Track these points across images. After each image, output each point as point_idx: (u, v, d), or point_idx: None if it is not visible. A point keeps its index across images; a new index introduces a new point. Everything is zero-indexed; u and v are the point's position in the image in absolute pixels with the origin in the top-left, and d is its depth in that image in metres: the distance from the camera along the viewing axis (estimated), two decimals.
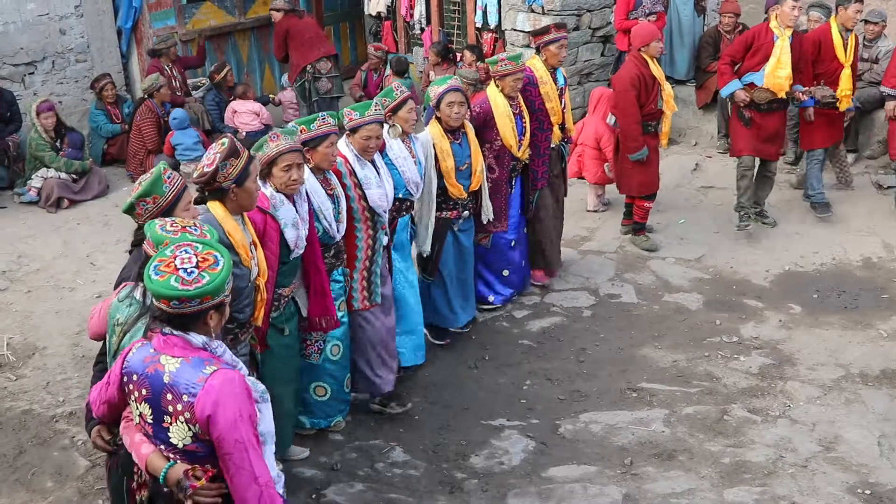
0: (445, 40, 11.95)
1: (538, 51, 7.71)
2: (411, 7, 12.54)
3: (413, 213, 6.68)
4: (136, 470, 3.63)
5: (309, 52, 11.50)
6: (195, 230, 3.71)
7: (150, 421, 3.46)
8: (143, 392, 3.43)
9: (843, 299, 7.79)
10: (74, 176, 10.33)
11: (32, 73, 11.13)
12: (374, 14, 13.12)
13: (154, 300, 3.39)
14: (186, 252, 3.41)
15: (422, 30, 12.53)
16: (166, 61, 11.50)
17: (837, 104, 8.79)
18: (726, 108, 10.91)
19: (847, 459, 5.79)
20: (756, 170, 8.90)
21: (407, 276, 6.62)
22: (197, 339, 3.40)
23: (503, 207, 7.42)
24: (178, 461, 3.44)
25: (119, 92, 11.56)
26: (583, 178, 9.58)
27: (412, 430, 6.26)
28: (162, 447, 3.48)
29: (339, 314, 5.82)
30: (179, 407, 3.35)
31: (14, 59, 10.93)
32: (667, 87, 8.30)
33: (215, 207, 4.55)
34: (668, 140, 8.73)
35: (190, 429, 3.37)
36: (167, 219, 3.80)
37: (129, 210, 4.26)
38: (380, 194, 5.94)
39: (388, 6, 12.88)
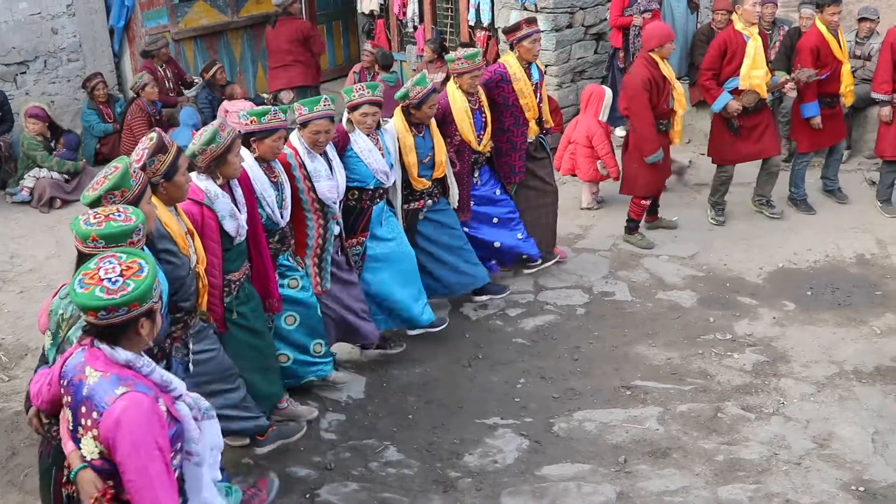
0: (440, 37, 11.94)
1: (511, 47, 7.75)
2: (404, 5, 12.52)
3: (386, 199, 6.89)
4: (66, 464, 3.59)
5: (274, 73, 11.58)
6: (119, 216, 3.74)
7: (70, 428, 3.46)
8: (68, 399, 3.43)
9: (837, 296, 7.79)
10: (67, 176, 10.31)
11: (24, 72, 11.11)
12: (366, 12, 13.10)
13: (82, 314, 3.36)
14: (110, 262, 3.36)
15: (415, 28, 12.52)
16: (159, 62, 11.48)
17: (843, 100, 8.86)
18: None
19: (841, 456, 5.79)
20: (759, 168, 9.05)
21: (400, 248, 6.88)
22: (121, 354, 3.36)
23: (466, 199, 7.54)
24: (87, 467, 3.41)
25: (111, 91, 11.54)
26: (576, 175, 9.57)
27: (406, 430, 6.25)
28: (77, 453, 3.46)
29: (293, 291, 6.05)
30: (89, 422, 3.33)
31: (6, 59, 10.92)
32: (678, 87, 8.31)
33: None
34: (680, 139, 8.72)
35: (96, 446, 3.35)
36: (91, 211, 3.81)
37: (95, 203, 4.16)
38: (329, 186, 6.12)
39: (381, 4, 12.86)
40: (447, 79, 7.68)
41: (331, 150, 6.27)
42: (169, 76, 11.56)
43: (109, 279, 3.29)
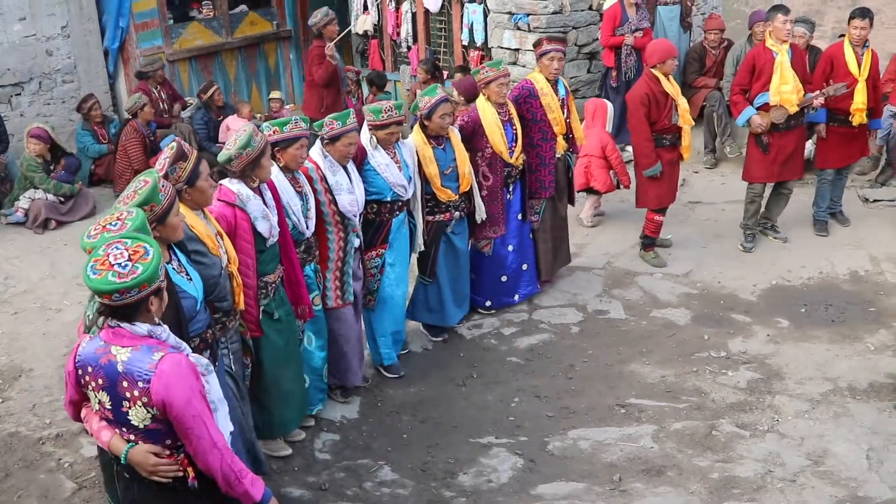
0: (433, 58, 11.99)
1: (537, 63, 7.92)
2: (398, 25, 12.58)
3: (407, 211, 6.98)
4: (111, 456, 3.92)
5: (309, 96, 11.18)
6: (114, 225, 3.94)
7: (109, 407, 3.73)
8: (100, 381, 3.70)
9: (831, 313, 7.80)
10: (62, 198, 10.32)
11: (19, 93, 11.15)
12: (360, 33, 13.15)
13: (97, 297, 3.66)
14: (118, 248, 3.65)
15: (408, 48, 12.57)
16: (153, 83, 11.51)
17: (850, 119, 8.79)
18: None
19: (836, 473, 5.79)
20: (771, 190, 9.01)
21: (397, 275, 6.92)
22: (141, 328, 3.67)
23: (500, 213, 7.61)
24: (140, 442, 3.75)
25: (106, 112, 11.56)
26: (590, 189, 9.66)
27: (400, 449, 6.24)
28: (123, 430, 3.77)
29: (315, 308, 6.22)
30: (136, 392, 3.64)
31: (0, 80, 10.94)
32: (682, 102, 8.32)
33: None
34: (688, 154, 8.72)
35: (148, 411, 3.67)
36: (90, 227, 4.00)
37: None
38: (350, 200, 6.26)
39: (375, 25, 12.92)
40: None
41: (350, 165, 6.42)
42: (163, 98, 11.60)
43: (119, 264, 3.59)
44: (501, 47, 11.16)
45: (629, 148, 10.51)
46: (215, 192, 5.22)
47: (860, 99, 8.71)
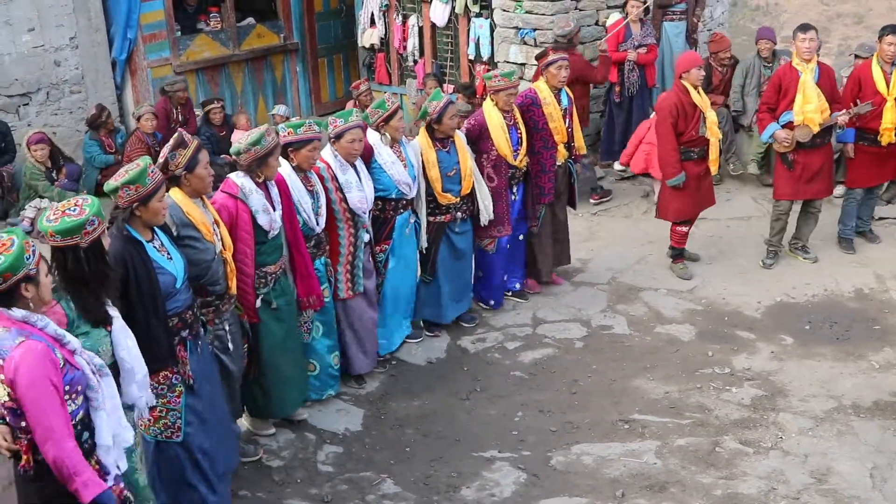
0: (439, 72, 12.03)
1: (542, 73, 8.11)
2: (404, 39, 12.60)
3: (412, 211, 7.32)
4: None
5: None
6: (73, 210, 4.18)
7: None
8: None
9: (835, 330, 7.79)
10: None
11: (27, 104, 11.17)
12: (367, 46, 13.18)
13: None
14: None
15: (415, 62, 12.59)
16: (175, 103, 11.49)
17: (879, 139, 8.76)
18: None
19: (839, 491, 5.77)
20: (799, 209, 9.01)
21: (402, 271, 7.30)
22: (17, 313, 3.90)
23: (505, 212, 7.83)
24: (7, 419, 3.96)
25: (114, 124, 11.59)
26: (649, 174, 10.03)
27: (403, 462, 6.24)
28: None
29: (325, 299, 6.50)
30: None
31: (9, 91, 10.98)
32: (710, 115, 8.38)
33: (174, 193, 5.25)
34: (716, 167, 8.81)
35: (4, 389, 3.88)
36: (53, 207, 4.24)
37: (114, 192, 4.81)
38: (360, 197, 6.65)
39: (382, 38, 12.94)
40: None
41: (359, 164, 6.75)
42: (180, 119, 11.56)
43: None
44: (508, 62, 11.16)
45: (617, 164, 10.68)
46: (222, 184, 5.71)
47: (889, 118, 8.66)
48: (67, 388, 3.94)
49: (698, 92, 8.30)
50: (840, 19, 20.55)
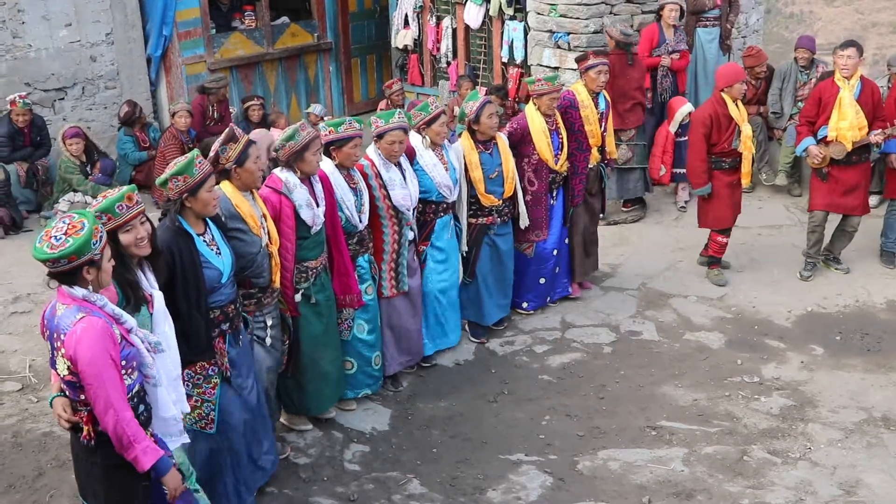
0: (472, 74, 12.03)
1: (581, 76, 8.22)
2: (438, 41, 12.62)
3: (454, 215, 7.37)
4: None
5: (624, 115, 10.05)
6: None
7: (50, 354, 4.18)
8: (46, 331, 4.18)
9: (866, 342, 7.74)
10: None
11: (62, 98, 11.26)
12: (400, 47, 13.21)
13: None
14: (63, 222, 4.06)
15: (448, 63, 12.61)
16: (214, 100, 11.54)
17: None
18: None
19: None
20: (837, 223, 8.93)
21: (440, 274, 7.26)
22: (78, 291, 4.07)
23: (544, 217, 7.91)
24: (66, 392, 4.20)
25: (147, 119, 11.67)
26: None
27: (430, 463, 6.25)
28: (58, 377, 4.19)
29: (367, 297, 6.59)
30: (59, 344, 4.07)
31: (45, 85, 11.08)
32: (745, 129, 8.36)
33: (225, 185, 5.40)
34: (749, 180, 8.82)
35: (65, 363, 4.06)
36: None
37: (163, 184, 4.95)
38: (403, 195, 6.69)
39: (415, 39, 12.97)
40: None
41: (404, 162, 6.83)
42: (215, 117, 11.61)
43: (55, 237, 4.01)
44: (541, 65, 11.15)
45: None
46: (267, 178, 5.83)
47: None
48: (124, 363, 4.14)
49: (736, 105, 8.29)
50: (875, 28, 20.41)
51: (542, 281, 8.12)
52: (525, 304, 8.17)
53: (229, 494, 5.43)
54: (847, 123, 8.31)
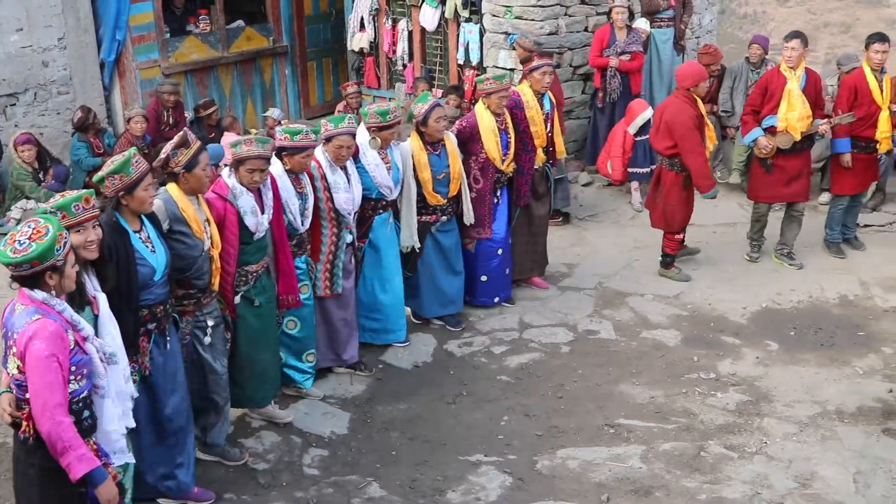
0: (428, 76, 12.04)
1: (526, 77, 8.22)
2: (394, 43, 12.62)
3: (392, 212, 7.45)
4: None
5: None
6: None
7: (3, 352, 4.23)
8: (3, 329, 4.25)
9: (820, 336, 7.84)
10: None
11: (14, 104, 11.12)
12: (356, 50, 13.19)
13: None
14: (28, 227, 4.12)
15: (404, 66, 12.61)
16: (168, 105, 11.43)
17: (878, 147, 8.87)
18: None
19: (823, 496, 5.81)
20: (783, 213, 9.13)
21: (380, 270, 7.39)
22: (38, 294, 4.13)
23: (487, 216, 7.93)
24: (11, 391, 4.23)
25: (102, 125, 11.55)
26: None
27: (389, 466, 6.24)
28: (7, 374, 4.25)
29: (303, 296, 6.64)
30: (11, 342, 4.13)
31: None
32: (710, 124, 8.55)
33: (171, 188, 5.48)
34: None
35: (15, 361, 4.12)
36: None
37: (100, 181, 5.06)
38: (346, 198, 6.78)
39: (371, 42, 12.96)
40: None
41: (350, 166, 6.91)
42: (170, 122, 11.51)
43: (19, 241, 4.08)
44: (497, 66, 11.18)
45: (581, 176, 10.73)
46: (213, 184, 5.86)
47: (885, 127, 8.76)
48: (74, 368, 4.17)
49: (701, 102, 8.45)
50: (827, 28, 20.68)
51: (484, 279, 8.13)
52: (468, 297, 8.22)
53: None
54: (796, 114, 8.47)
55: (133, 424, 4.75)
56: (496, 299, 8.30)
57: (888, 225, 9.94)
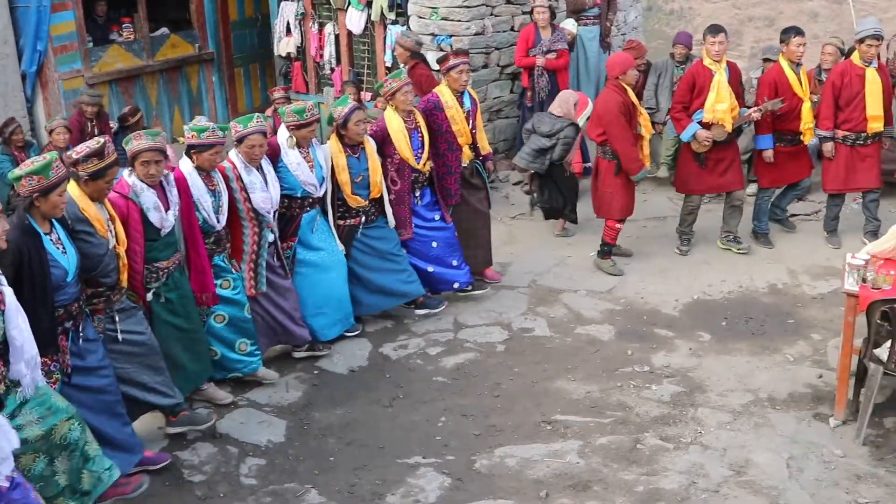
0: (357, 80, 12.01)
1: (443, 77, 8.22)
2: (321, 47, 12.57)
3: (321, 209, 7.52)
4: None
5: None
6: None
7: None
8: None
9: (751, 326, 7.95)
10: None
11: None
12: (283, 55, 13.11)
13: None
14: None
15: (332, 70, 12.57)
16: (91, 115, 11.23)
17: (802, 138, 9.03)
18: None
19: (757, 482, 5.88)
20: (723, 204, 9.29)
21: (316, 264, 7.46)
22: None
23: (407, 216, 8.01)
24: None
25: (25, 137, 11.32)
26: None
27: (327, 472, 6.19)
28: None
29: (223, 291, 6.71)
30: None
31: None
32: (644, 112, 8.65)
33: (72, 188, 5.43)
34: (649, 162, 9.02)
35: None
36: None
37: (16, 180, 5.06)
38: (264, 198, 6.82)
39: (298, 47, 12.88)
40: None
41: (266, 166, 6.95)
42: (94, 132, 11.30)
43: None
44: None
45: (511, 175, 10.80)
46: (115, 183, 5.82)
47: (808, 118, 8.93)
48: None
49: (632, 91, 8.53)
50: (752, 22, 20.96)
51: (431, 269, 8.18)
52: (429, 290, 8.26)
53: None
54: (725, 106, 8.61)
55: (17, 444, 4.53)
56: (455, 285, 8.32)
57: (814, 214, 10.11)
